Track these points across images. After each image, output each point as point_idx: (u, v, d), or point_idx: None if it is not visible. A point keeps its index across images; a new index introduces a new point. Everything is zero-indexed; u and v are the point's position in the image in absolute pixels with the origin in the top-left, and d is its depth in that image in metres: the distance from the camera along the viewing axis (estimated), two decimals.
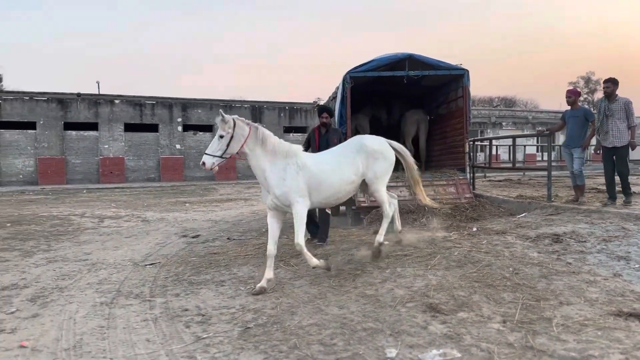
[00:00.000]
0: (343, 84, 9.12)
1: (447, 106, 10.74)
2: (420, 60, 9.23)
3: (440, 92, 10.98)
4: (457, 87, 9.92)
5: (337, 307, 4.52)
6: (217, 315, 4.63)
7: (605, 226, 6.34)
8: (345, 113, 9.16)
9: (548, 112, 45.63)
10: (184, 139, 32.46)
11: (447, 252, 5.79)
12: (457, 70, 9.45)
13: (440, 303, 4.35)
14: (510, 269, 5.14)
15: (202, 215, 13.36)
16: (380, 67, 9.23)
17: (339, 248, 6.60)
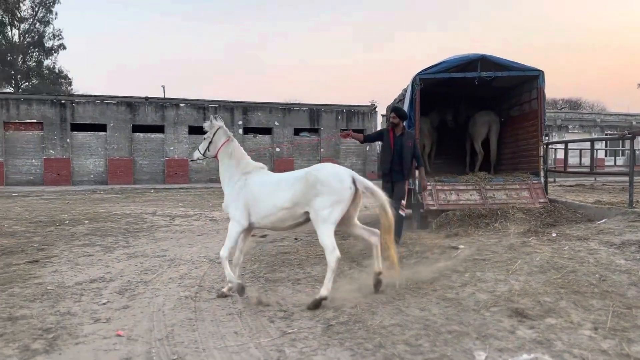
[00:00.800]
0: (412, 86, 9.07)
1: (520, 108, 10.45)
2: (493, 61, 9.04)
3: (513, 93, 10.70)
4: (531, 89, 9.64)
5: (417, 309, 4.52)
6: (298, 311, 4.73)
7: None
8: (414, 116, 9.10)
9: (618, 114, 43.41)
10: (245, 142, 33.20)
11: (528, 257, 5.64)
12: (532, 71, 9.18)
13: (526, 308, 4.26)
14: (597, 276, 4.96)
15: None
16: (450, 68, 9.11)
17: (412, 251, 6.58)
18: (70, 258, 7.82)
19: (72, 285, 6.12)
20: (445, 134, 12.38)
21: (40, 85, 50.54)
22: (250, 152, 24.45)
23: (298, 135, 34.58)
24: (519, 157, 10.17)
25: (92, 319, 4.78)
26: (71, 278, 6.48)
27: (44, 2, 51.04)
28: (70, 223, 12.01)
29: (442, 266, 5.70)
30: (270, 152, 33.65)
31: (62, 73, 54.00)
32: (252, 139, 33.46)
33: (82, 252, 8.37)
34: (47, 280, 6.32)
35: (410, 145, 7.33)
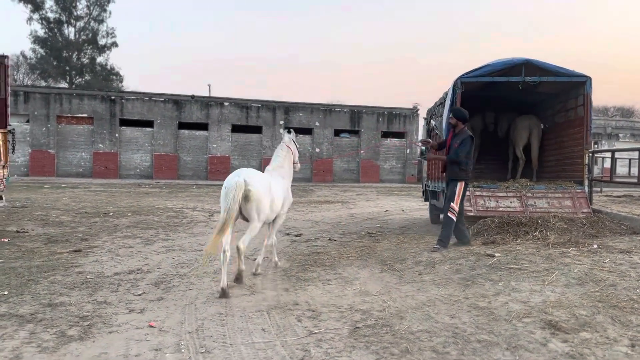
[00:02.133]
0: (453, 89, 8.93)
1: (565, 114, 10.11)
2: (538, 65, 8.78)
3: (558, 99, 10.37)
4: (577, 95, 9.32)
5: (447, 316, 4.45)
6: (327, 312, 4.75)
7: None
8: None
9: None
10: None
11: (566, 268, 5.46)
12: (579, 77, 8.87)
13: (560, 321, 4.13)
14: (638, 291, 4.74)
15: (301, 215, 13.74)
16: (493, 72, 8.91)
17: (447, 257, 6.47)
18: (112, 249, 8.10)
19: (110, 275, 6.34)
20: (488, 139, 12.13)
21: (92, 81, 52.52)
22: None
23: (338, 136, 34.61)
24: (562, 164, 9.85)
25: (127, 309, 4.94)
26: (110, 268, 6.72)
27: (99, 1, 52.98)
28: (114, 215, 12.44)
29: (474, 274, 5.59)
30: (311, 151, 33.82)
31: (113, 70, 55.97)
32: None
33: (123, 243, 8.66)
34: (87, 270, 6.57)
35: (456, 147, 7.25)
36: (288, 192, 6.79)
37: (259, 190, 5.76)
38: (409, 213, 15.13)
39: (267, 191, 5.96)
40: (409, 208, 16.66)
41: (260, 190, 5.78)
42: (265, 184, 6.01)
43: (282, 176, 6.72)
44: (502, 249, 6.76)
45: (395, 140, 35.79)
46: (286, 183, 6.76)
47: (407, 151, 35.57)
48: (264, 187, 5.91)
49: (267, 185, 6.02)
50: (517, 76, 8.91)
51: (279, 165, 6.83)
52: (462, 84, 8.86)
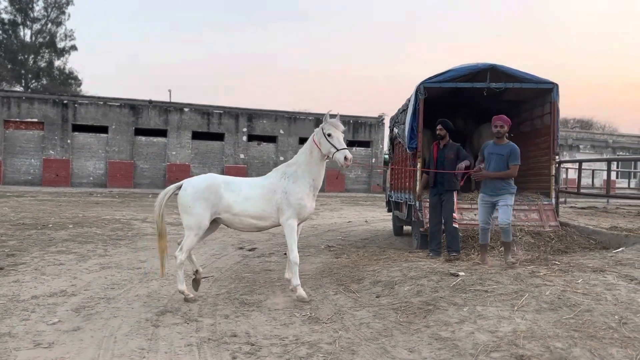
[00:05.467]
0: (416, 95, 8.43)
1: (532, 123, 9.76)
2: (504, 71, 8.38)
3: (524, 107, 10.02)
4: (544, 103, 8.97)
5: (405, 350, 3.85)
6: (268, 346, 4.08)
7: None
8: (417, 126, 8.45)
9: (630, 136, 42.53)
10: (248, 149, 32.73)
11: (537, 290, 4.94)
12: (546, 84, 8.51)
13: (532, 355, 3.58)
14: (616, 317, 4.26)
15: None
16: (457, 77, 8.46)
17: (407, 276, 5.90)
18: (39, 267, 7.23)
19: (27, 298, 5.52)
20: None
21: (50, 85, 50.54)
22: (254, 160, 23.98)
23: (303, 144, 34.04)
24: (528, 175, 9.46)
25: (32, 342, 4.18)
26: (30, 290, 5.89)
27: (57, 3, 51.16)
28: (54, 227, 11.45)
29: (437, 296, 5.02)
30: (275, 160, 33.11)
31: (72, 74, 54.06)
32: (256, 147, 32.95)
33: (53, 260, 7.78)
34: (1, 292, 5.72)
35: (452, 157, 7.30)
36: (290, 196, 5.50)
37: (181, 197, 5.61)
38: (373, 224, 14.62)
39: (196, 200, 5.47)
40: (373, 219, 16.17)
41: (183, 199, 5.57)
42: (201, 192, 5.49)
43: (292, 176, 5.60)
44: (466, 267, 6.24)
45: (360, 149, 35.43)
46: (292, 186, 5.55)
47: (373, 160, 35.26)
48: (194, 195, 5.49)
49: (203, 194, 5.48)
50: (482, 82, 8.49)
51: (294, 162, 5.79)
52: (425, 90, 8.38)
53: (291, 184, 5.57)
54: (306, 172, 5.64)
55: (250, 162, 32.67)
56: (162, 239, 5.73)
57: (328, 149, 5.54)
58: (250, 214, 5.56)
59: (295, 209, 5.52)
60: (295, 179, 5.60)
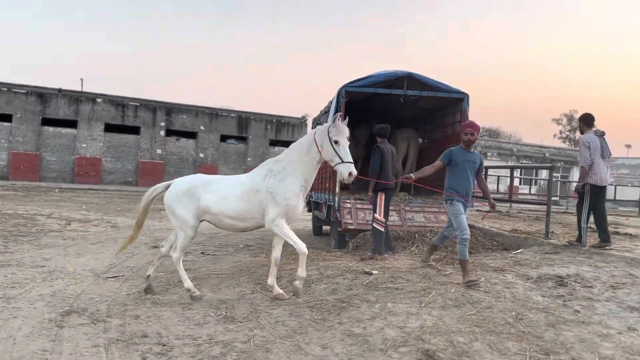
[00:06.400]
0: (338, 98, 8.63)
1: (443, 130, 10.30)
2: (419, 80, 8.79)
3: (437, 115, 10.56)
4: (455, 112, 9.50)
5: (319, 347, 3.94)
6: (180, 346, 4.01)
7: (610, 271, 5.88)
8: None
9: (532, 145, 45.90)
10: (166, 144, 31.69)
11: (443, 288, 5.25)
12: (457, 93, 9.02)
13: (437, 350, 3.80)
14: (514, 314, 4.62)
15: None
16: (377, 83, 8.76)
17: (323, 274, 6.02)
18: None
19: None
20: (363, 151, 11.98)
21: None
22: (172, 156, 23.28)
23: (225, 142, 33.51)
24: (440, 179, 9.94)
25: None
26: None
27: None
28: None
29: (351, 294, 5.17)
30: (194, 157, 32.33)
31: None
32: (174, 142, 31.98)
33: None
34: None
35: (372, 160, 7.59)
36: (277, 196, 5.12)
37: (165, 198, 5.55)
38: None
39: (177, 202, 5.41)
40: None
41: (166, 200, 5.52)
42: (181, 195, 5.42)
43: (279, 174, 5.20)
44: (380, 266, 6.48)
45: (283, 149, 35.49)
46: (279, 185, 5.14)
47: None
48: (175, 198, 5.45)
49: (183, 196, 5.41)
50: (400, 89, 8.84)
51: (283, 158, 5.35)
52: (346, 93, 8.59)
53: (277, 183, 5.14)
54: (297, 170, 5.18)
55: (168, 158, 31.66)
56: (137, 230, 5.85)
57: (331, 157, 5.03)
58: (228, 215, 5.30)
59: (282, 209, 5.11)
60: (283, 177, 5.16)
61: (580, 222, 7.10)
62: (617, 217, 15.67)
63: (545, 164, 35.95)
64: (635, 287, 5.31)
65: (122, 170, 30.40)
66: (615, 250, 6.89)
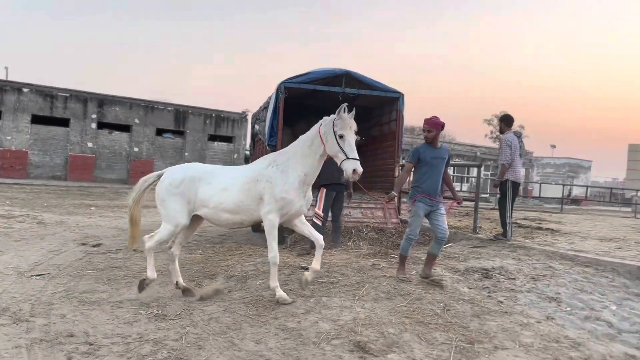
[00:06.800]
0: (277, 94, 8.62)
1: (380, 128, 10.54)
2: (358, 78, 8.95)
3: (374, 113, 10.78)
4: (391, 110, 9.75)
5: (253, 342, 3.94)
6: (108, 345, 3.88)
7: (532, 263, 6.25)
8: (277, 124, 8.65)
9: (465, 145, 47.76)
10: (98, 137, 30.37)
11: (376, 281, 5.39)
12: (393, 92, 9.26)
13: (369, 341, 3.90)
14: (442, 305, 4.82)
15: (108, 221, 12.19)
16: (316, 80, 8.83)
17: (260, 270, 6.01)
18: None
19: None
20: None
21: None
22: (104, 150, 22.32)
23: (161, 135, 32.57)
24: (376, 176, 10.20)
25: None
26: None
27: None
28: None
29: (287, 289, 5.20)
30: (128, 151, 31.21)
31: None
32: (106, 136, 30.72)
33: None
34: None
35: None
36: (275, 187, 4.82)
37: (157, 189, 5.23)
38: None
39: (171, 195, 5.08)
40: None
41: (158, 191, 5.20)
42: (176, 186, 5.07)
43: (282, 165, 4.92)
44: None
45: (223, 145, 34.92)
46: (279, 176, 4.87)
47: (235, 156, 34.98)
48: (169, 189, 5.10)
49: (178, 188, 5.07)
50: (338, 86, 8.96)
51: (288, 150, 5.09)
52: (285, 89, 8.60)
53: (278, 174, 4.88)
54: (299, 164, 4.90)
55: (100, 152, 30.36)
56: (135, 226, 5.42)
57: (335, 152, 4.73)
58: (226, 208, 4.95)
59: (278, 202, 4.81)
60: (285, 169, 4.89)
61: (505, 218, 7.49)
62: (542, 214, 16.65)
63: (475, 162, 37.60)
64: (554, 279, 5.68)
65: (50, 164, 28.87)
66: (537, 244, 7.32)
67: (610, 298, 5.15)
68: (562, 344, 4.03)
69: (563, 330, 4.31)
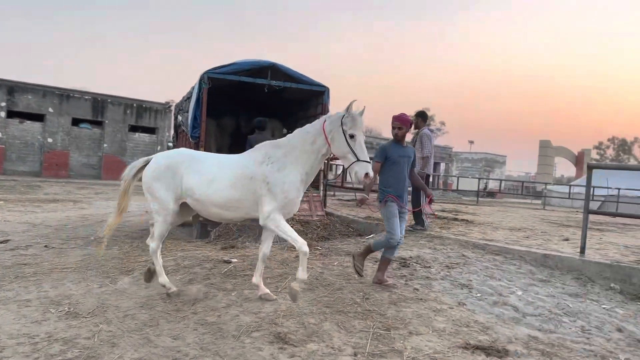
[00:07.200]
0: (200, 84, 8.42)
1: (307, 122, 10.52)
2: (283, 70, 8.93)
3: (301, 107, 10.81)
4: (317, 104, 9.82)
5: (170, 338, 3.85)
6: (14, 345, 3.65)
7: (447, 252, 6.56)
8: (200, 115, 8.45)
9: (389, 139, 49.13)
10: (7, 127, 28.26)
11: None
12: (319, 86, 9.33)
13: (289, 332, 3.94)
14: (361, 294, 4.95)
15: (18, 216, 11.41)
16: (241, 71, 8.71)
17: (180, 265, 5.87)
18: None
19: None
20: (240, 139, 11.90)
21: None
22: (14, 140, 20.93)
23: (77, 126, 30.84)
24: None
25: None
26: None
27: None
28: None
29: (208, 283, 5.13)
30: (41, 142, 29.32)
31: None
32: (17, 125, 28.68)
33: None
34: None
35: None
36: (274, 187, 4.45)
37: (143, 175, 4.90)
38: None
39: (156, 181, 4.76)
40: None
41: (144, 177, 4.88)
42: (162, 172, 4.75)
43: (277, 162, 4.51)
44: (240, 254, 6.51)
45: (145, 136, 33.63)
46: (277, 175, 4.47)
47: (158, 148, 33.81)
48: (154, 175, 4.80)
49: (163, 174, 4.76)
50: (264, 78, 8.89)
51: (284, 144, 4.63)
52: (208, 79, 8.42)
53: (275, 172, 4.47)
54: (298, 161, 4.50)
55: (10, 143, 28.28)
56: (119, 215, 5.17)
57: (343, 153, 4.34)
58: (214, 202, 4.61)
59: (279, 202, 4.45)
60: (282, 167, 4.49)
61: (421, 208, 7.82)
62: (459, 206, 17.48)
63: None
64: (466, 267, 5.98)
65: None
66: (452, 234, 7.68)
67: (517, 284, 5.51)
68: (472, 328, 4.27)
69: (473, 315, 4.56)
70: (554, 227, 11.00)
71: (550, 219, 13.92)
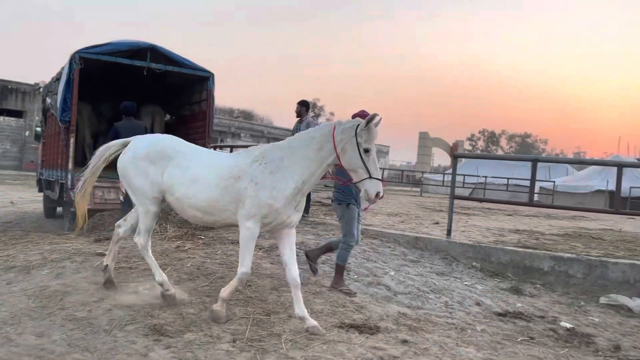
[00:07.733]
0: (70, 64, 7.79)
1: (190, 108, 10.27)
2: (164, 53, 8.55)
3: (185, 92, 10.43)
4: (202, 90, 9.55)
5: (33, 336, 3.58)
6: None
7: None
8: (71, 98, 7.83)
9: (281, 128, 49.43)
10: None
11: (180, 263, 5.31)
12: (203, 72, 9.08)
13: (166, 324, 3.85)
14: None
15: None
16: (117, 52, 8.18)
17: (47, 259, 5.45)
18: None
19: None
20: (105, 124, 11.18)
21: None
22: None
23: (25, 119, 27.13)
24: None
25: None
26: None
27: None
28: None
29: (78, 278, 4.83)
30: None
31: None
32: None
33: None
34: None
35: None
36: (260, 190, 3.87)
37: (119, 162, 4.43)
38: (20, 205, 12.99)
39: (133, 169, 4.27)
40: (21, 200, 14.31)
41: (119, 164, 4.41)
42: (140, 160, 4.22)
43: (272, 163, 3.94)
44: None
45: (11, 120, 30.55)
46: (268, 177, 3.89)
47: (26, 133, 30.87)
48: (131, 162, 4.30)
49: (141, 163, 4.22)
50: (143, 61, 8.46)
51: (284, 146, 4.06)
52: (80, 59, 7.83)
53: (267, 174, 3.91)
54: (296, 168, 3.92)
55: None
56: (83, 200, 4.68)
57: (354, 167, 3.83)
58: (194, 204, 4.06)
59: (262, 210, 3.89)
60: (276, 170, 3.92)
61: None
62: None
63: None
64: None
65: None
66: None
67: (390, 265, 5.87)
68: (348, 308, 4.49)
69: (349, 296, 4.78)
70: (427, 212, 11.85)
71: (425, 205, 14.95)
